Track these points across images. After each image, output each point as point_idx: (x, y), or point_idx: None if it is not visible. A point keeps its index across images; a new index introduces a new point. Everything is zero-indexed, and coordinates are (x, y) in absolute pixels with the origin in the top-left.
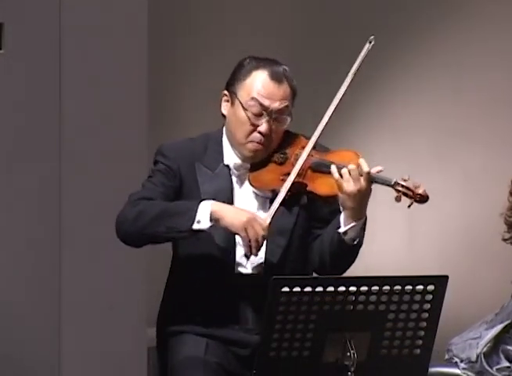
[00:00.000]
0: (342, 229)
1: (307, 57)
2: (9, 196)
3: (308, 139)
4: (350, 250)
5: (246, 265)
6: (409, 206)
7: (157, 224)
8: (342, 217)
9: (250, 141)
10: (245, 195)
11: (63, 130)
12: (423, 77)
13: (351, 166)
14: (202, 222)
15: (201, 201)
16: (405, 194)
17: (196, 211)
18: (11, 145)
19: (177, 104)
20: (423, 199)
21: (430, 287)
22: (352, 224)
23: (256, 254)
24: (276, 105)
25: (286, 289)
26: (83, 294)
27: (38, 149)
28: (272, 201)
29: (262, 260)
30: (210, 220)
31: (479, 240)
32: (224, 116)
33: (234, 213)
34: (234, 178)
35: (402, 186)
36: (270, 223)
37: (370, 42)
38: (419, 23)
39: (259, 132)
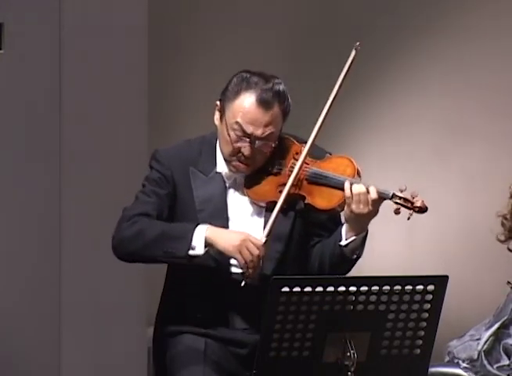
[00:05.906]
0: (343, 242)
1: (307, 57)
2: (9, 196)
3: (302, 142)
4: (350, 262)
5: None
6: (409, 218)
7: (155, 247)
8: (344, 229)
9: (234, 160)
10: (239, 201)
11: (63, 130)
12: (424, 77)
13: (362, 189)
14: (197, 248)
15: (197, 225)
16: (404, 206)
17: (191, 237)
18: (11, 145)
19: (177, 104)
20: (421, 210)
21: (430, 287)
22: (353, 238)
23: (253, 276)
24: (259, 132)
25: (286, 289)
26: (83, 294)
27: (38, 149)
28: (267, 209)
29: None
30: (205, 246)
31: (479, 240)
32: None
33: (227, 237)
34: (227, 183)
35: (400, 197)
36: (266, 242)
37: (356, 49)
38: (419, 22)
39: (242, 154)
